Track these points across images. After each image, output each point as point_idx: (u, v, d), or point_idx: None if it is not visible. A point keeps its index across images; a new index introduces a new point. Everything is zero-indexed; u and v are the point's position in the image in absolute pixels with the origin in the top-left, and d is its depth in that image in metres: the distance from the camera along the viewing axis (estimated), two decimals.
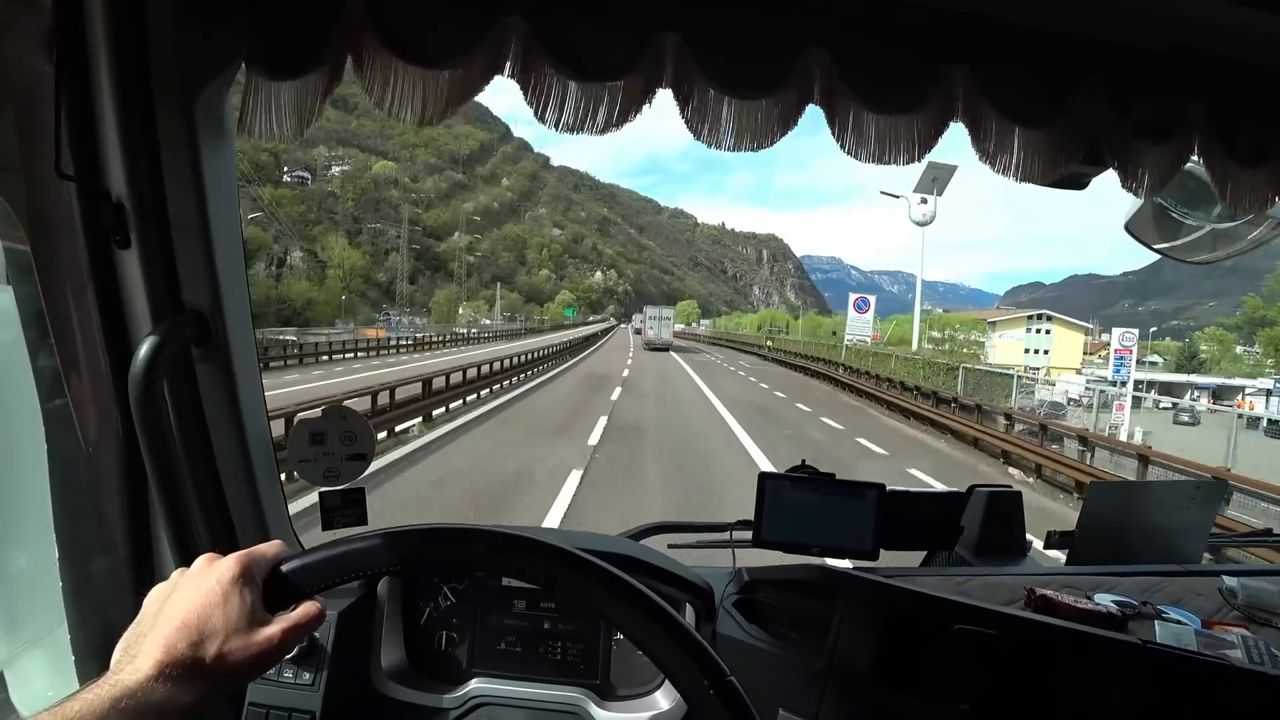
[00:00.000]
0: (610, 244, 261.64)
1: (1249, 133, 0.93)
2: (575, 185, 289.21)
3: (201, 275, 0.89)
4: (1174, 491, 1.43)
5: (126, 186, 0.82)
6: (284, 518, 1.09)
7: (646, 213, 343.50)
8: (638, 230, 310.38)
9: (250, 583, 0.54)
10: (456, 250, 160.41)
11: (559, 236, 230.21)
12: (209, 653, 0.50)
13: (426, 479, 8.62)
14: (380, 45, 0.79)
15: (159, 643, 0.50)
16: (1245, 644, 0.90)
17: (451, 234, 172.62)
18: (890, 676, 0.89)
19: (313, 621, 0.57)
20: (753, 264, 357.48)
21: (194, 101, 0.83)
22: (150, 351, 0.81)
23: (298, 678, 0.95)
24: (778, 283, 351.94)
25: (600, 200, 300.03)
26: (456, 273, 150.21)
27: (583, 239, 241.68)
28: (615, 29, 0.80)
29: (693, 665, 0.53)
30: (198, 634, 0.50)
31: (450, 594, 1.12)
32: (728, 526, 1.35)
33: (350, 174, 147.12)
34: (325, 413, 1.04)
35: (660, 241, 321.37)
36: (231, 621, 0.52)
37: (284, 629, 0.54)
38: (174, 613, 0.52)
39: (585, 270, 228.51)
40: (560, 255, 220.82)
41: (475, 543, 0.58)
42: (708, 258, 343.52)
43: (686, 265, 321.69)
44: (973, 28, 0.84)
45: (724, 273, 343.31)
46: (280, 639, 0.54)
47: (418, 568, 0.65)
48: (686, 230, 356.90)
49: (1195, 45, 0.88)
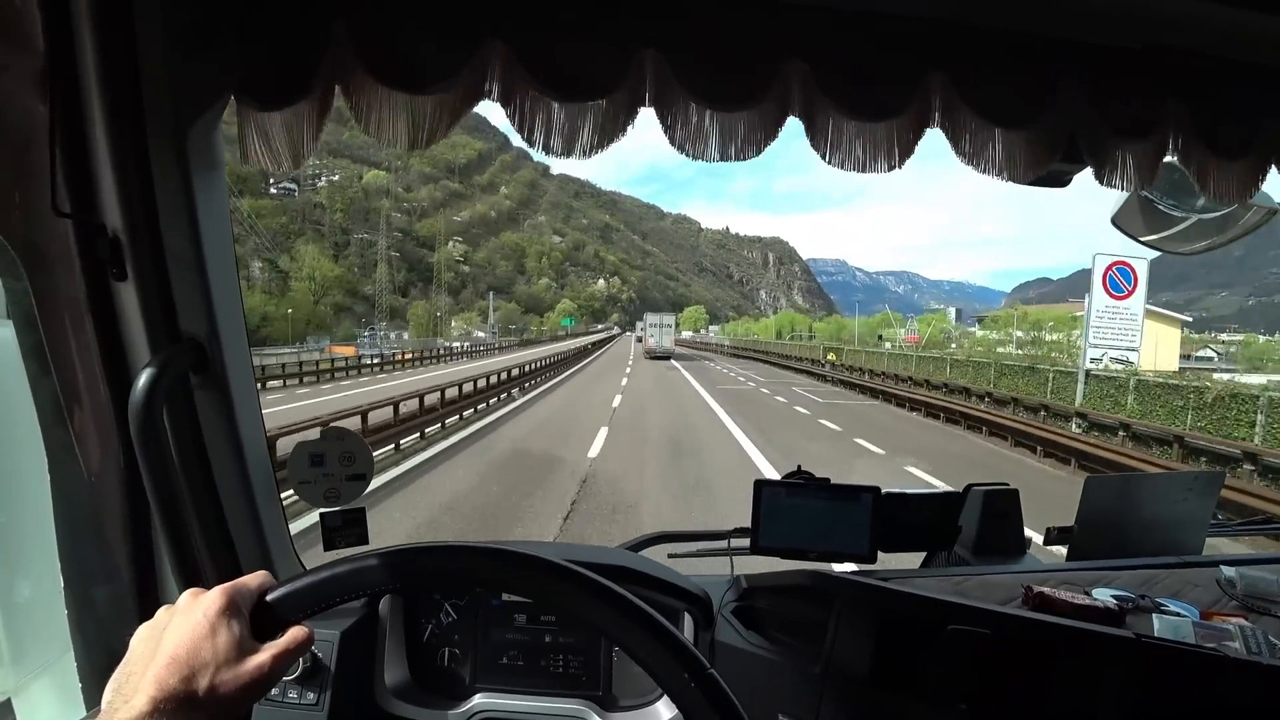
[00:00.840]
0: (613, 251, 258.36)
1: (1226, 126, 0.94)
2: (576, 193, 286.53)
3: (198, 304, 0.90)
4: (1172, 483, 1.43)
5: (122, 220, 0.84)
6: (285, 540, 1.10)
7: (649, 219, 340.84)
8: (641, 237, 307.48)
9: (237, 614, 0.55)
10: (449, 260, 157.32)
11: (559, 244, 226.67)
12: (201, 685, 0.51)
13: None
14: (366, 73, 0.80)
15: (151, 680, 0.50)
16: (1243, 634, 0.90)
17: (445, 244, 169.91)
18: (887, 679, 0.89)
19: (300, 647, 0.57)
20: (758, 268, 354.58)
21: (186, 134, 0.85)
22: (149, 381, 0.82)
23: (302, 698, 0.96)
24: (785, 286, 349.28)
25: (601, 207, 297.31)
26: (450, 283, 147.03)
27: (584, 246, 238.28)
28: (595, 47, 0.81)
29: (673, 661, 0.53)
30: (188, 668, 0.51)
31: (452, 610, 1.13)
32: (726, 535, 1.36)
33: (339, 184, 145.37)
34: (324, 434, 1.05)
35: (664, 247, 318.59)
36: (220, 653, 0.53)
37: (273, 655, 0.55)
38: (164, 649, 0.52)
39: (587, 278, 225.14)
40: (561, 263, 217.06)
41: (458, 557, 0.59)
42: (713, 263, 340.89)
43: (691, 271, 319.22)
44: (949, 33, 0.86)
45: (729, 277, 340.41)
46: (270, 666, 0.55)
47: (404, 585, 0.66)
48: (690, 236, 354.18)
49: (1171, 43, 0.89)
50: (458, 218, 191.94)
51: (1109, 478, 1.50)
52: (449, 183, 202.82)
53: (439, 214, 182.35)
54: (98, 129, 0.80)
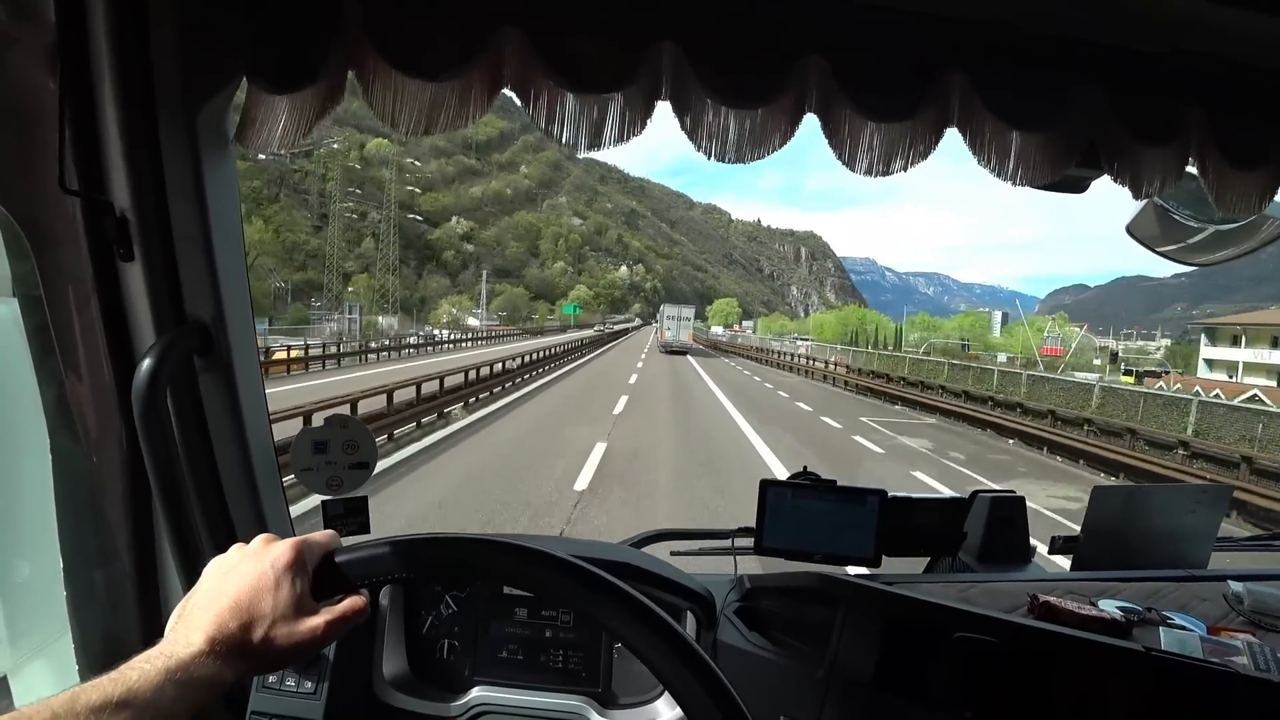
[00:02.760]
0: (638, 236, 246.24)
1: (1244, 135, 0.93)
2: (601, 177, 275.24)
3: (204, 286, 0.89)
4: (1178, 496, 1.42)
5: (130, 200, 0.83)
6: (287, 525, 1.09)
7: (678, 207, 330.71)
8: (669, 225, 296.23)
9: (302, 570, 0.56)
10: (451, 237, 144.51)
11: (579, 226, 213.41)
12: (256, 635, 0.52)
13: None
14: (379, 57, 0.79)
15: (211, 618, 0.52)
16: (1251, 650, 0.89)
17: (449, 219, 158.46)
18: (891, 684, 0.88)
19: (356, 615, 0.58)
20: (790, 262, 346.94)
21: (196, 114, 0.84)
22: (153, 363, 0.81)
23: (300, 686, 0.95)
24: (817, 282, 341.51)
25: (629, 193, 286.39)
26: (449, 263, 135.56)
27: (606, 230, 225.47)
28: (611, 40, 0.80)
29: (678, 660, 0.53)
30: (248, 615, 0.53)
31: (452, 602, 1.12)
32: (730, 534, 1.35)
33: (337, 151, 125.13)
34: (328, 422, 1.04)
35: (693, 237, 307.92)
36: (280, 607, 0.54)
37: (328, 620, 0.56)
38: (228, 590, 0.54)
39: (608, 264, 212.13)
40: (580, 247, 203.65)
41: (509, 556, 0.59)
42: (743, 255, 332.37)
43: (721, 263, 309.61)
44: (968, 32, 0.85)
45: (760, 271, 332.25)
46: (324, 630, 0.56)
47: (456, 574, 0.67)
48: (720, 226, 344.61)
49: (1193, 48, 0.88)
50: (471, 192, 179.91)
51: (1116, 488, 1.49)
52: (464, 158, 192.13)
53: (449, 189, 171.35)
54: (107, 106, 0.80)
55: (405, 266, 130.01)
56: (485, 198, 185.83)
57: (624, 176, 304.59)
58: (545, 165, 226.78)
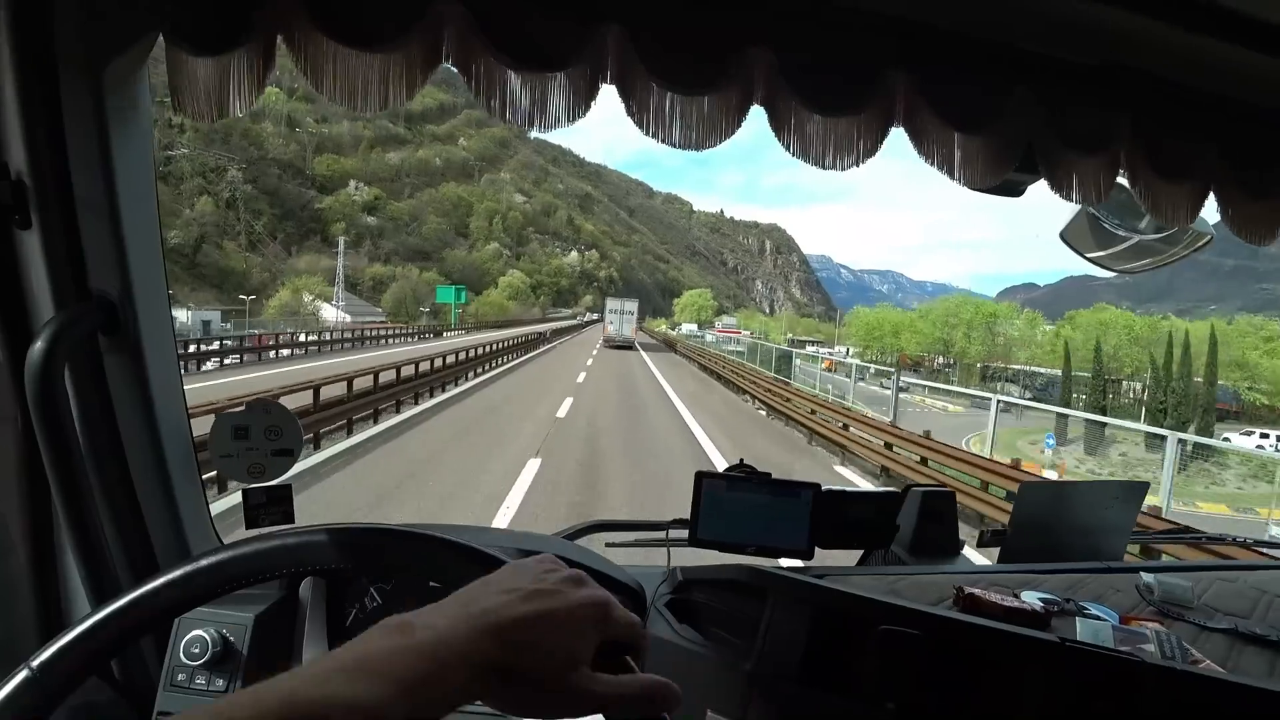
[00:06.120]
0: (592, 220, 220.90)
1: (1173, 148, 0.96)
2: (555, 159, 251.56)
3: (110, 260, 0.83)
4: (1099, 491, 1.48)
5: (27, 164, 0.76)
6: (206, 522, 1.03)
7: (637, 195, 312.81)
8: (627, 212, 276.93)
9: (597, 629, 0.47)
10: (345, 205, 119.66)
11: (522, 204, 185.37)
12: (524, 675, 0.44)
13: None
14: (309, 22, 0.75)
15: (487, 630, 0.44)
16: (1159, 639, 0.94)
17: (347, 185, 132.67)
18: (817, 676, 0.89)
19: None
20: (755, 256, 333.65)
21: (101, 74, 0.78)
22: (49, 340, 0.75)
23: (210, 684, 0.90)
24: (782, 278, 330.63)
25: (584, 178, 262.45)
26: (336, 237, 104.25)
27: (555, 210, 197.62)
28: (554, 18, 0.78)
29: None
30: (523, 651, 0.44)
31: (377, 595, 1.08)
32: (665, 525, 1.34)
33: None
34: (249, 406, 0.99)
35: (653, 226, 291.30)
36: None
37: None
38: (511, 613, 0.45)
39: (555, 249, 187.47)
40: (522, 227, 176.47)
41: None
42: (706, 247, 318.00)
43: (684, 254, 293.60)
44: (912, 32, 0.85)
45: (724, 264, 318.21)
46: None
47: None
48: (682, 216, 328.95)
49: (1126, 62, 0.90)
50: (387, 158, 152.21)
51: (1042, 483, 1.55)
52: (389, 124, 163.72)
53: (357, 152, 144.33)
54: (3, 61, 0.73)
55: (272, 240, 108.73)
56: (406, 167, 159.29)
57: (579, 160, 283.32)
58: (490, 141, 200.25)
